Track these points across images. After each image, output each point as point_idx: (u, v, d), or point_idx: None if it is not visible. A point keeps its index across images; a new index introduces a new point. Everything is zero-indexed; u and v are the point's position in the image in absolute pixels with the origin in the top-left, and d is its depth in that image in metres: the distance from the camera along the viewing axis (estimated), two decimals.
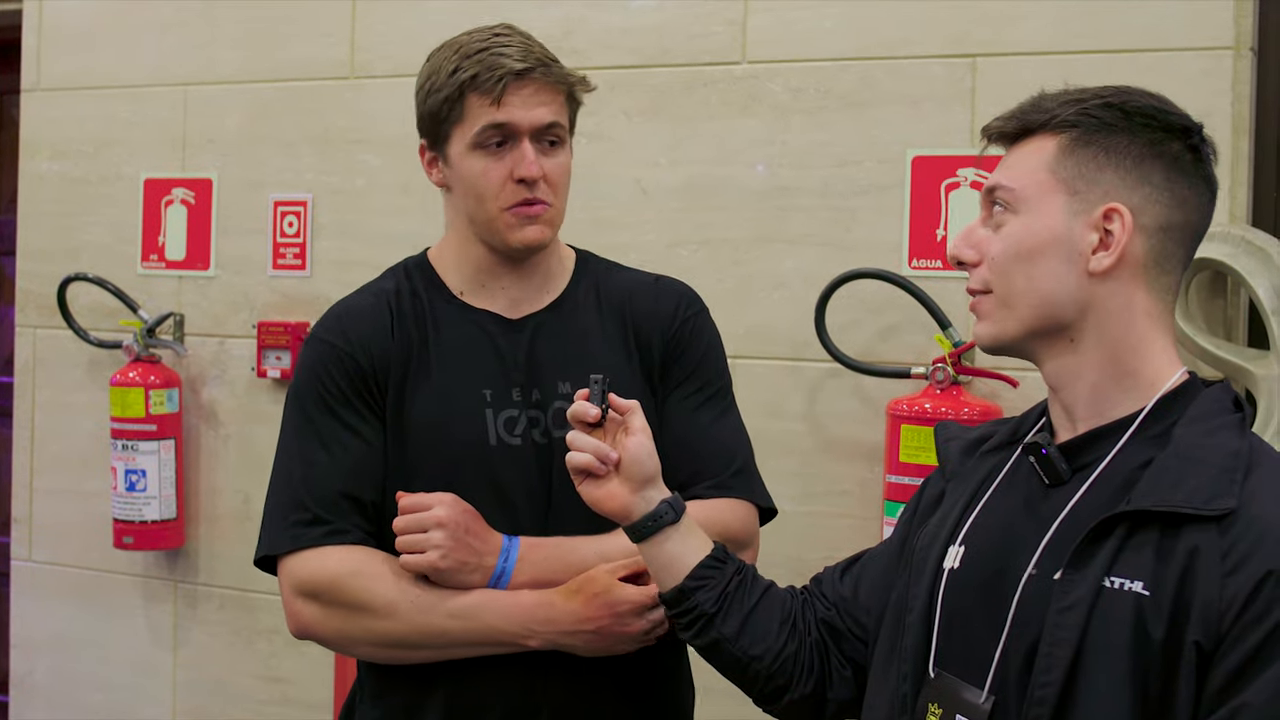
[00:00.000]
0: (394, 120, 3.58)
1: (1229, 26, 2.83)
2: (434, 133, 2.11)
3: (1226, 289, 2.85)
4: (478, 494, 2.04)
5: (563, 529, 2.06)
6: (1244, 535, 1.43)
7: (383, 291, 2.17)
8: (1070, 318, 1.59)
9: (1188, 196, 1.59)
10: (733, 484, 2.14)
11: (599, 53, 3.32)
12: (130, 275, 3.94)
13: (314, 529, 2.04)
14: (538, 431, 2.09)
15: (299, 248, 3.74)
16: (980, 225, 1.66)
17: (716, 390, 2.21)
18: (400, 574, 2.01)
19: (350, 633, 2.04)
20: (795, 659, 1.83)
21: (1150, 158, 1.57)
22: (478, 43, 2.07)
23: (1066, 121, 1.59)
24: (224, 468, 3.84)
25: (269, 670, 3.78)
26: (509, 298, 2.15)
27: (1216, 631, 1.40)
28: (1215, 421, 1.55)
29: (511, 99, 2.03)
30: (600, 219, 3.31)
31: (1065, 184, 1.58)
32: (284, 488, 2.09)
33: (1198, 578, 1.42)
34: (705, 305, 2.26)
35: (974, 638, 1.59)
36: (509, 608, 2.00)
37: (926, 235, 3.08)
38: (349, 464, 2.06)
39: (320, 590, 2.03)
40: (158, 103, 3.92)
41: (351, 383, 2.08)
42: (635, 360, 2.15)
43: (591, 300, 2.19)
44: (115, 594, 4.01)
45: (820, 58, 3.18)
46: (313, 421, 2.09)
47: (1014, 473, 1.68)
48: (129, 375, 3.78)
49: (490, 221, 2.08)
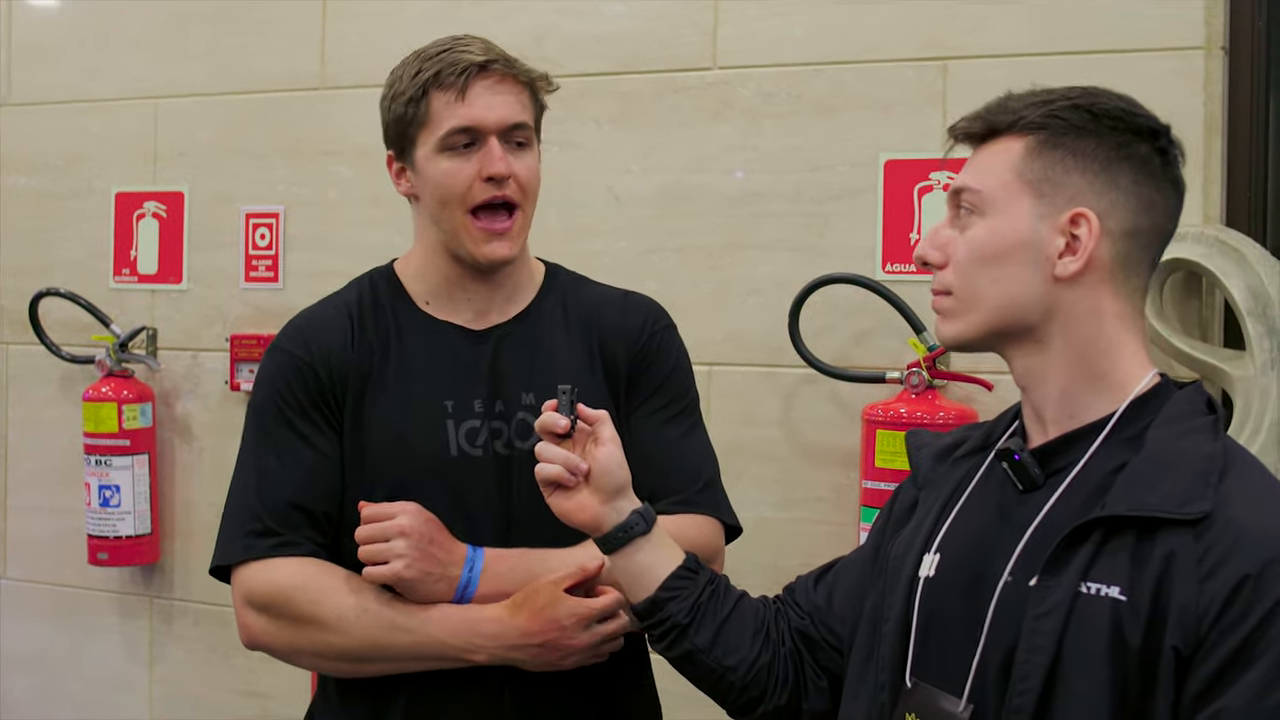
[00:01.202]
0: (365, 131, 3.50)
1: (1200, 26, 2.82)
2: (400, 140, 2.10)
3: (1201, 289, 2.85)
4: (438, 505, 2.01)
5: (524, 541, 2.04)
6: (1220, 539, 1.41)
7: (345, 302, 2.15)
8: (1035, 320, 1.58)
9: (1155, 200, 1.58)
10: (699, 500, 2.13)
11: (570, 60, 3.30)
12: (102, 290, 3.92)
13: (264, 540, 2.03)
14: (500, 443, 2.07)
15: (271, 260, 3.72)
16: (947, 226, 1.64)
17: (684, 407, 2.19)
18: (349, 587, 2.00)
19: (298, 645, 2.03)
20: (769, 670, 1.82)
21: (1118, 160, 1.56)
22: (437, 47, 2.07)
23: (1033, 123, 1.57)
24: (198, 482, 3.81)
25: (247, 685, 3.75)
26: (474, 309, 2.14)
27: (1194, 636, 1.39)
28: (1189, 424, 1.54)
29: (475, 90, 2.02)
30: (573, 227, 3.29)
31: (1032, 186, 1.57)
32: (239, 497, 2.08)
33: (1174, 583, 1.41)
34: (673, 321, 2.25)
35: (951, 646, 1.57)
36: (455, 622, 1.97)
37: (900, 239, 3.07)
38: (302, 475, 2.05)
39: (269, 602, 2.02)
40: (128, 116, 3.90)
41: (309, 394, 2.07)
42: (600, 373, 2.14)
43: (558, 313, 2.17)
44: (90, 611, 3.98)
45: (791, 62, 3.17)
46: (269, 433, 2.08)
47: (987, 479, 1.66)
48: (102, 390, 3.76)
49: (456, 231, 2.06)
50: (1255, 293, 2.68)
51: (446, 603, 1.98)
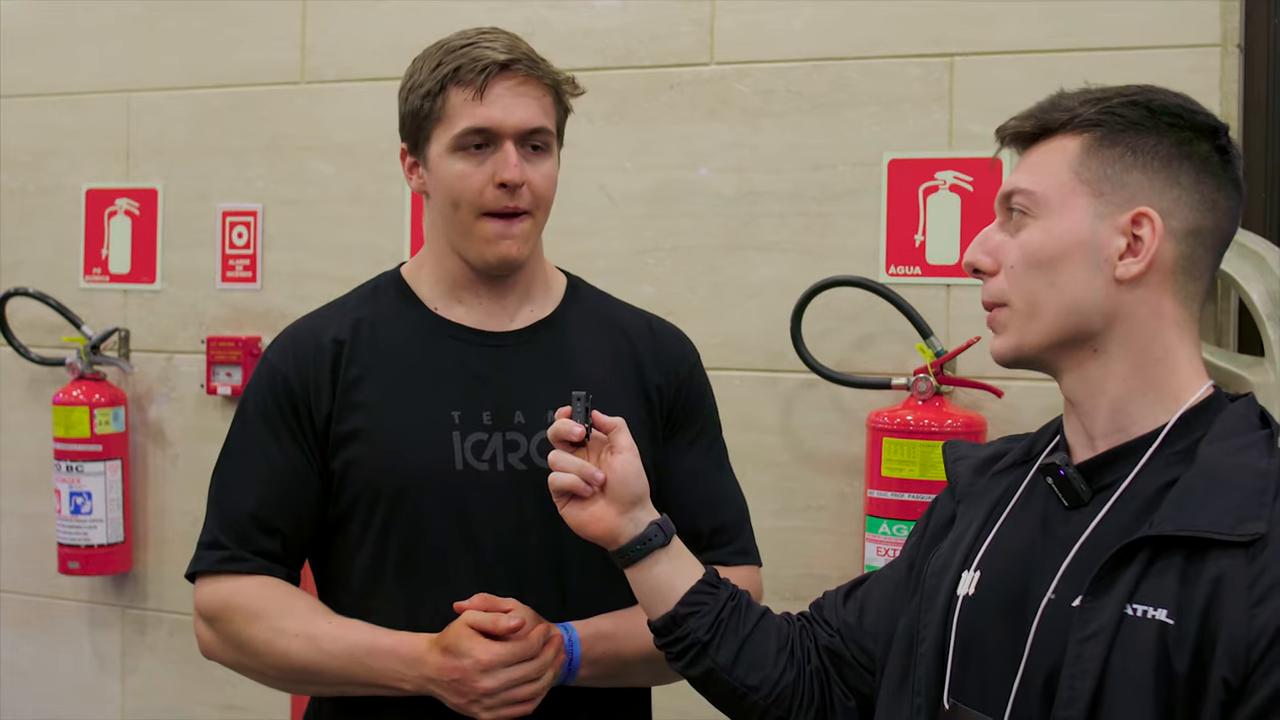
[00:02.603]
0: (346, 127, 3.51)
1: (1215, 23, 2.77)
2: (415, 134, 2.03)
3: (1216, 293, 2.80)
4: (440, 522, 1.98)
5: (530, 561, 1.99)
6: (1273, 563, 1.37)
7: (344, 311, 2.10)
8: (1096, 327, 1.51)
9: (1218, 199, 1.52)
10: (750, 549, 2.15)
11: (561, 55, 3.18)
12: (73, 290, 3.85)
13: (213, 553, 2.03)
14: (516, 456, 2.00)
15: (249, 259, 3.65)
16: (997, 230, 1.58)
17: (718, 440, 2.20)
18: (286, 608, 1.98)
19: (241, 662, 2.03)
20: (794, 688, 1.76)
21: (1179, 158, 1.50)
22: (462, 40, 2.00)
23: (1090, 120, 1.52)
24: (173, 488, 3.75)
25: (223, 698, 3.67)
26: (486, 310, 2.07)
27: (1244, 666, 1.34)
28: (1242, 439, 1.48)
29: (494, 91, 1.95)
30: (565, 227, 3.20)
31: (1090, 185, 1.51)
32: (209, 507, 2.08)
33: (1224, 608, 1.36)
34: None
35: (990, 667, 1.52)
36: (381, 652, 1.94)
37: (905, 241, 3.01)
38: (264, 490, 2.02)
39: (213, 616, 2.02)
40: (100, 110, 3.83)
41: (281, 408, 2.03)
42: (639, 399, 2.09)
43: (586, 328, 2.11)
44: (60, 621, 3.91)
45: (792, 58, 3.11)
46: (240, 444, 2.07)
47: (1030, 494, 1.60)
48: (73, 394, 3.69)
49: (465, 232, 1.99)
50: (1275, 296, 2.63)
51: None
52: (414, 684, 1.92)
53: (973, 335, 2.80)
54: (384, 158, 3.35)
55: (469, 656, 1.88)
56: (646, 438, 2.05)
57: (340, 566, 2.05)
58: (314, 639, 1.95)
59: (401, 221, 3.46)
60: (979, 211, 2.89)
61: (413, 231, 3.44)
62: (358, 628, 1.97)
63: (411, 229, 3.45)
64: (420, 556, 2.00)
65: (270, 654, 1.97)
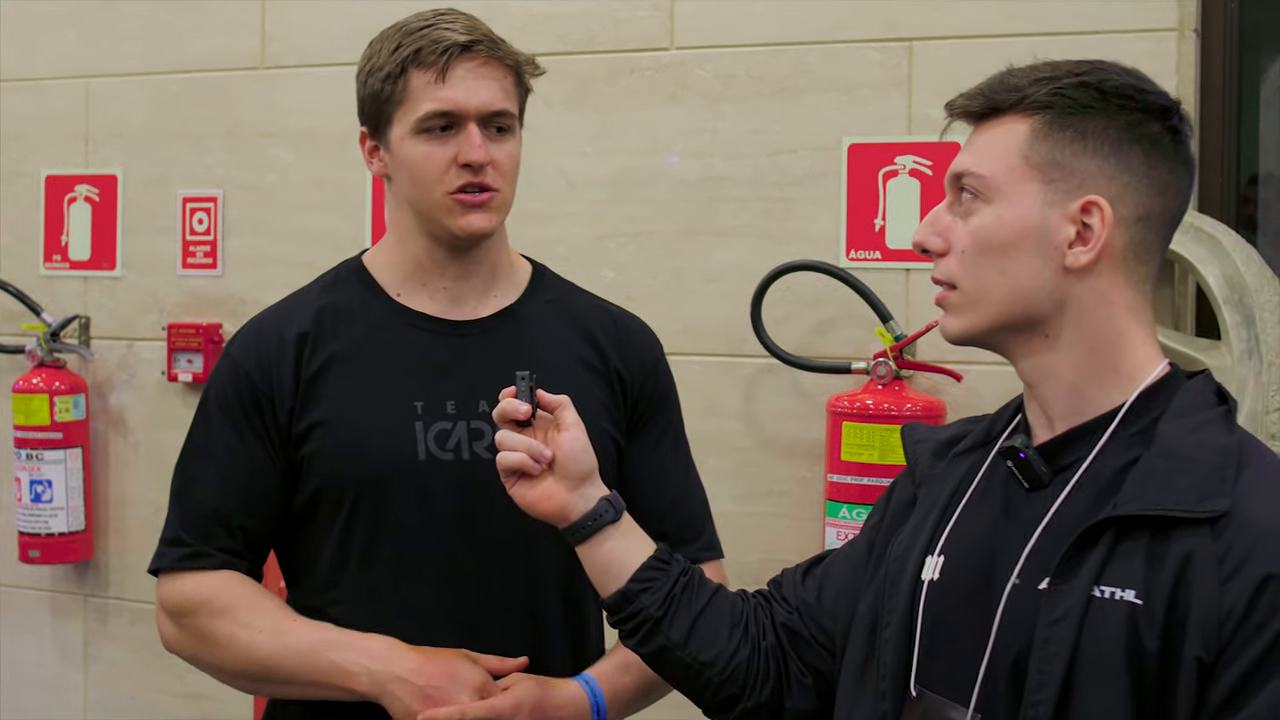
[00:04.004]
0: (307, 113, 3.50)
1: (1172, 8, 2.78)
2: (375, 117, 2.01)
3: (1174, 277, 2.80)
4: (404, 512, 1.97)
5: (497, 549, 1.99)
6: (1239, 538, 1.36)
7: (305, 302, 2.08)
8: (1045, 314, 1.50)
9: (1168, 182, 1.51)
10: (715, 543, 2.16)
11: (520, 39, 3.14)
12: (32, 277, 3.83)
13: (176, 549, 2.02)
14: (481, 445, 1.99)
15: (209, 246, 3.63)
16: (946, 211, 1.57)
17: (684, 438, 2.20)
18: (249, 605, 1.98)
19: (202, 659, 2.03)
20: (749, 665, 1.74)
21: (1129, 141, 1.49)
22: (420, 21, 1.98)
23: (1039, 102, 1.50)
24: (134, 476, 3.73)
25: (186, 687, 3.64)
26: (449, 297, 2.05)
27: (1217, 642, 1.34)
28: (1201, 416, 1.47)
29: (456, 73, 1.93)
30: (525, 212, 3.15)
31: (1039, 171, 1.49)
32: (171, 502, 2.07)
33: (1193, 585, 1.35)
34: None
35: (957, 653, 1.51)
36: (348, 645, 1.94)
37: (865, 225, 3.01)
38: (225, 485, 2.01)
39: (175, 612, 2.02)
40: (58, 96, 3.80)
41: (243, 403, 2.02)
42: (603, 385, 2.08)
43: (551, 315, 2.10)
44: (21, 610, 3.89)
45: (752, 43, 3.11)
46: (202, 439, 2.06)
47: (990, 476, 1.59)
48: (32, 381, 3.67)
49: (433, 208, 1.97)
50: (1231, 281, 2.63)
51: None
52: (369, 682, 1.90)
53: (932, 320, 2.78)
54: (344, 144, 3.29)
55: (463, 679, 1.90)
56: (610, 422, 2.05)
57: (306, 557, 2.04)
58: (279, 633, 1.95)
59: (363, 207, 3.45)
60: (938, 196, 2.86)
61: (374, 217, 3.42)
62: (325, 626, 1.96)
63: (373, 214, 3.43)
64: (384, 546, 1.99)
65: (233, 647, 1.96)
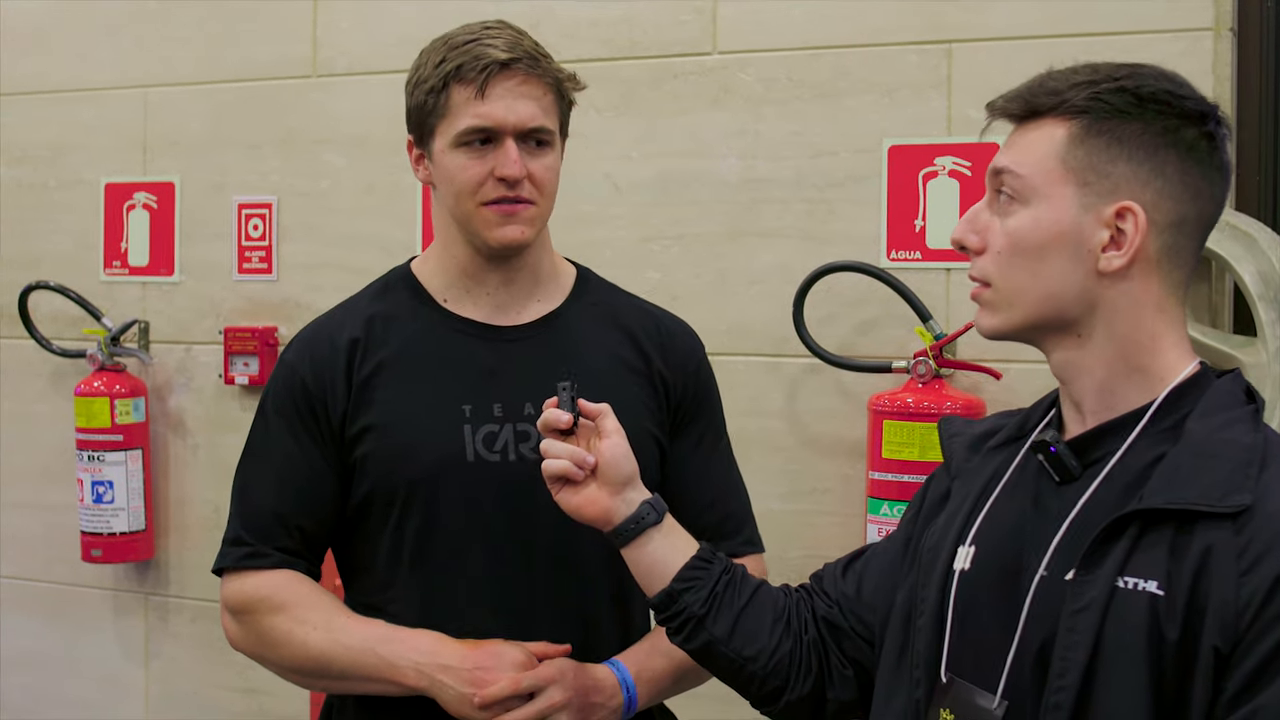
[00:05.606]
0: (358, 119, 3.54)
1: (1208, 7, 2.79)
2: (420, 127, 2.06)
3: (1211, 274, 2.81)
4: (453, 512, 2.02)
5: (542, 550, 2.03)
6: (1260, 532, 1.39)
7: (356, 309, 2.13)
8: (1077, 314, 1.54)
9: (1202, 187, 1.53)
10: (756, 538, 2.20)
11: (566, 45, 3.25)
12: (93, 283, 3.89)
13: (237, 549, 2.09)
14: (526, 447, 2.03)
15: (265, 251, 3.68)
16: (985, 209, 1.60)
17: (726, 436, 2.23)
18: (307, 603, 2.04)
19: (262, 655, 2.10)
20: (791, 658, 1.79)
21: (1165, 147, 1.50)
22: (466, 35, 2.01)
23: (1076, 107, 1.52)
24: (193, 477, 3.79)
25: (244, 682, 3.71)
26: (494, 303, 2.10)
27: (1233, 633, 1.37)
28: (1228, 414, 1.50)
29: (496, 90, 1.97)
30: (572, 215, 3.23)
31: (1075, 174, 1.51)
32: (233, 504, 2.13)
33: (1213, 577, 1.38)
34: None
35: (986, 640, 1.55)
36: (398, 639, 1.99)
37: (905, 226, 3.03)
38: (283, 487, 2.07)
39: (237, 610, 2.09)
40: (117, 106, 3.86)
41: (298, 407, 2.07)
42: (646, 386, 2.12)
43: (596, 319, 2.14)
44: (84, 608, 3.95)
45: (792, 47, 3.13)
46: (261, 442, 2.12)
47: (1022, 470, 1.63)
48: (94, 385, 3.73)
49: (469, 218, 2.02)
50: (1267, 277, 2.65)
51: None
52: (417, 675, 1.95)
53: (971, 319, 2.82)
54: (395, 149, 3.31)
55: (510, 660, 1.94)
56: (654, 423, 2.09)
57: (361, 557, 2.10)
58: (332, 630, 2.00)
59: (413, 212, 3.50)
60: (978, 196, 2.88)
61: (424, 221, 3.47)
62: (375, 623, 2.01)
63: (423, 219, 3.48)
64: (434, 546, 2.03)
65: (289, 644, 2.02)
